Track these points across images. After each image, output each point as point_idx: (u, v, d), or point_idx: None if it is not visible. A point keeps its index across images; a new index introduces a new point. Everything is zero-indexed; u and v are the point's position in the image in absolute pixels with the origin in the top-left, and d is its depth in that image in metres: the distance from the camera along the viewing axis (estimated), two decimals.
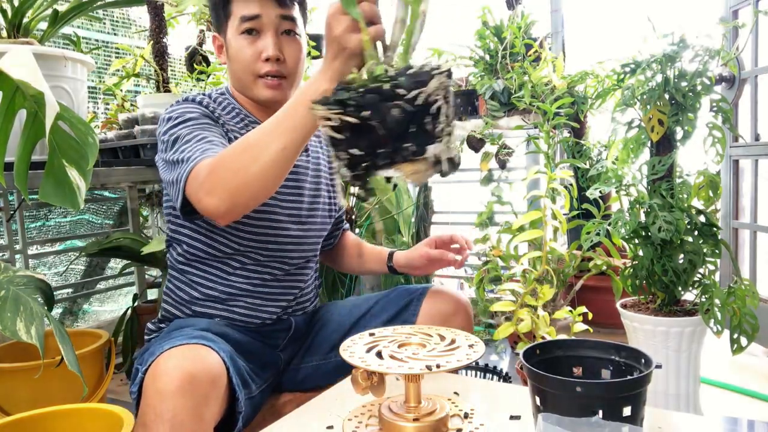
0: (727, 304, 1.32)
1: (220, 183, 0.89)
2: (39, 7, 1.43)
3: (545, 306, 1.51)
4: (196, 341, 0.88)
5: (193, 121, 1.07)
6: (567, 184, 1.63)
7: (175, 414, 0.78)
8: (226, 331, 1.06)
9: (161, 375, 0.80)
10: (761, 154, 1.89)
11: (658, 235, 1.32)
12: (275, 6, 1.10)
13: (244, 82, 1.14)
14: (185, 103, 1.13)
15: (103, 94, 2.35)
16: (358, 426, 0.80)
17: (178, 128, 1.06)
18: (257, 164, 0.86)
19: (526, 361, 0.73)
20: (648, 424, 0.76)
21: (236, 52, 1.12)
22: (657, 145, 1.42)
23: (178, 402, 0.78)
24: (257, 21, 1.10)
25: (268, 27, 1.10)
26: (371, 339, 0.85)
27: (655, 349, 1.38)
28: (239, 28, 1.11)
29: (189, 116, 1.08)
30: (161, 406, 0.78)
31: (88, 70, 1.54)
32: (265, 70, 1.11)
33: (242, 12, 1.10)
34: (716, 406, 1.55)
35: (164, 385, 0.79)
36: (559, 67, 1.88)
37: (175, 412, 0.78)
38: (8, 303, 0.93)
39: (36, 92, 1.06)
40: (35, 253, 2.08)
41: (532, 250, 1.55)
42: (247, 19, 1.10)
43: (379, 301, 1.27)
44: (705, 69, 1.35)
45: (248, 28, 1.10)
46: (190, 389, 0.79)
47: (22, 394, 1.39)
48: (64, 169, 1.16)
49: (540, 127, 1.66)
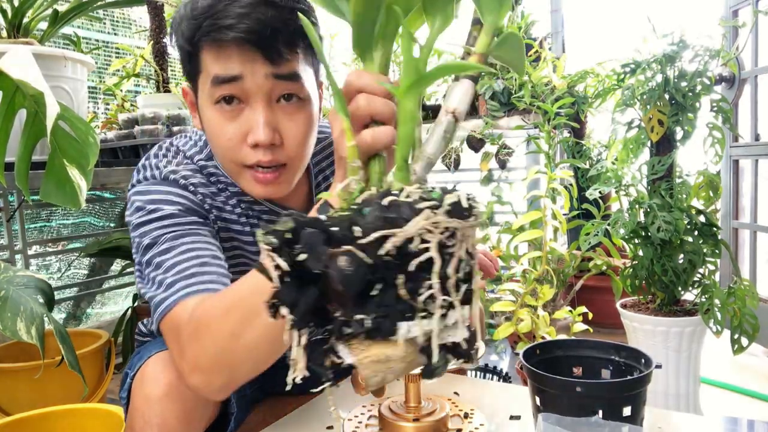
0: (727, 304, 1.32)
1: (205, 355, 0.69)
2: (39, 7, 1.43)
3: (545, 306, 1.51)
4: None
5: (172, 219, 0.80)
6: (567, 184, 1.63)
7: (163, 419, 0.75)
8: None
9: (148, 380, 0.77)
10: (761, 154, 1.89)
11: (657, 235, 1.32)
12: (264, 62, 0.74)
13: (227, 169, 0.84)
14: (161, 185, 0.83)
15: (103, 94, 2.35)
16: (358, 426, 0.80)
17: (151, 227, 0.80)
18: (250, 333, 0.66)
19: (526, 361, 0.73)
20: (648, 424, 0.76)
21: (212, 129, 0.79)
22: (657, 145, 1.43)
23: (166, 407, 0.75)
24: (238, 85, 0.75)
25: (256, 94, 0.76)
26: None
27: (655, 349, 1.38)
28: (213, 95, 0.77)
29: (167, 211, 0.81)
30: (149, 412, 0.75)
31: (88, 70, 1.54)
32: (253, 160, 0.77)
33: (215, 70, 0.75)
34: (716, 406, 1.55)
35: (151, 390, 0.76)
36: (559, 67, 1.88)
37: (163, 417, 0.75)
38: (8, 303, 0.93)
39: (36, 92, 1.06)
40: (35, 253, 2.08)
41: (532, 250, 1.55)
42: (223, 81, 0.75)
43: None
44: (705, 69, 1.35)
45: (225, 95, 0.76)
46: (177, 393, 0.76)
47: (22, 394, 1.39)
48: (65, 168, 1.16)
49: (540, 127, 1.66)
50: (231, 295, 0.70)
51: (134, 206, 0.83)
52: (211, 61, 0.75)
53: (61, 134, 1.17)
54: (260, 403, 1.10)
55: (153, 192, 0.83)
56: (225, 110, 0.77)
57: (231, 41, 0.73)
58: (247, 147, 0.77)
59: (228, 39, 0.73)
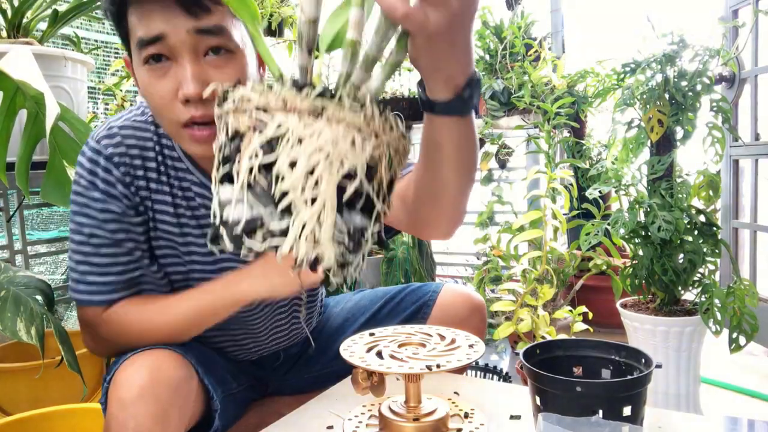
0: (727, 304, 1.32)
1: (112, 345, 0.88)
2: (39, 8, 1.43)
3: (545, 306, 1.51)
4: (161, 347, 0.84)
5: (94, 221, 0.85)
6: (567, 184, 1.63)
7: (137, 422, 0.73)
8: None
9: (121, 383, 0.76)
10: (761, 153, 1.89)
11: (657, 235, 1.32)
12: (186, 17, 0.73)
13: (166, 129, 0.83)
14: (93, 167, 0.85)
15: (103, 94, 2.35)
16: (358, 426, 0.80)
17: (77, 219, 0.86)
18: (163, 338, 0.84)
19: (526, 360, 0.73)
20: (648, 424, 0.76)
21: (145, 89, 0.79)
22: (656, 144, 1.43)
23: (140, 410, 0.74)
24: (162, 44, 0.74)
25: (181, 50, 0.74)
26: (371, 339, 0.85)
27: (655, 348, 1.38)
28: (140, 56, 0.77)
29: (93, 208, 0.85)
30: (122, 415, 0.74)
31: (88, 70, 1.54)
32: (186, 116, 0.76)
33: (139, 32, 0.75)
34: (716, 405, 1.55)
35: (124, 393, 0.75)
36: (559, 66, 1.88)
37: (137, 420, 0.74)
38: (8, 303, 0.93)
39: (36, 92, 1.06)
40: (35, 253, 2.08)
41: (532, 249, 1.55)
42: (147, 42, 0.74)
43: (386, 305, 1.13)
44: (705, 69, 1.35)
45: (152, 54, 0.75)
46: (151, 394, 0.75)
47: (22, 394, 1.39)
48: (64, 169, 1.16)
49: (540, 127, 1.66)
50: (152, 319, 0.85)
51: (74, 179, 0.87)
52: (136, 22, 0.75)
53: (60, 135, 1.17)
54: (257, 403, 1.10)
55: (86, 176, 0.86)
56: (154, 69, 0.76)
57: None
58: (180, 104, 0.76)
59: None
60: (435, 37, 0.51)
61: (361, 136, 0.44)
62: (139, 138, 0.88)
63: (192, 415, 0.85)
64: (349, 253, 0.45)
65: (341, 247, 0.44)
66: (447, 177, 0.69)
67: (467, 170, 0.69)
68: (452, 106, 0.59)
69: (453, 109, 0.60)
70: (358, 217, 0.45)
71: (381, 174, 0.46)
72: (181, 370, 0.81)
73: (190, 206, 0.89)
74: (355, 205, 0.45)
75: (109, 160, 0.85)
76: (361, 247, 0.45)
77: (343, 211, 0.44)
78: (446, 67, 0.56)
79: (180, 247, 0.91)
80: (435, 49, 0.53)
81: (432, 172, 0.70)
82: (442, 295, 1.08)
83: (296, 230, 0.43)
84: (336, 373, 1.07)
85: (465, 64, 0.57)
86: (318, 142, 0.43)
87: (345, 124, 0.44)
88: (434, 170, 0.69)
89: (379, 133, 0.45)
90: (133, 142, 0.87)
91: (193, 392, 0.84)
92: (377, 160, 0.45)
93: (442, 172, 0.69)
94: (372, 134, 0.45)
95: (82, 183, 0.86)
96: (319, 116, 0.43)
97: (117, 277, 0.87)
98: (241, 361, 1.06)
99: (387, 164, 0.46)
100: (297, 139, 0.43)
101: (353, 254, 0.45)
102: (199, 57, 0.76)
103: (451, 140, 0.64)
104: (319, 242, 0.43)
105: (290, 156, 0.43)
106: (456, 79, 0.57)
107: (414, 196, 0.76)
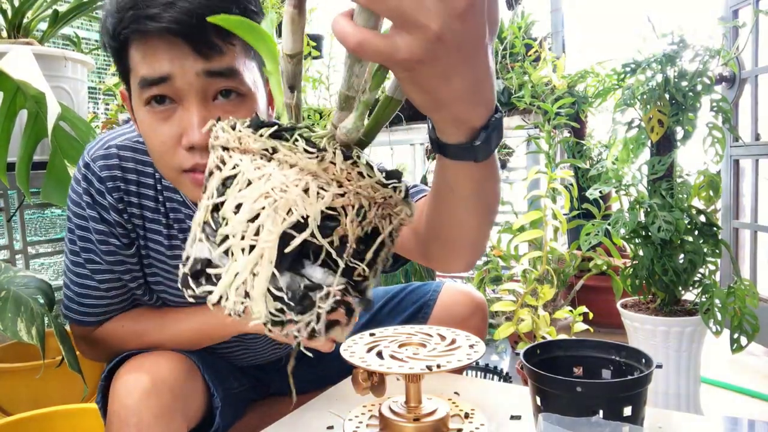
0: (727, 304, 1.32)
1: (108, 353, 0.89)
2: (39, 8, 1.43)
3: (545, 306, 1.51)
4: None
5: (87, 243, 0.84)
6: (567, 184, 1.63)
7: (140, 418, 0.73)
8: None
9: (123, 380, 0.77)
10: (761, 154, 1.89)
11: (657, 235, 1.32)
12: (195, 58, 0.67)
13: (165, 174, 0.76)
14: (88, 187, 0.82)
15: (103, 95, 2.34)
16: (359, 426, 0.80)
17: (71, 236, 0.86)
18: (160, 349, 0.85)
19: (527, 361, 0.73)
20: (648, 424, 0.76)
21: (145, 132, 0.73)
22: (657, 144, 1.43)
23: (142, 405, 0.74)
24: (168, 85, 0.68)
25: (189, 93, 0.68)
26: (372, 339, 0.85)
27: (656, 348, 1.38)
28: (142, 96, 0.70)
29: (83, 229, 0.84)
30: (125, 412, 0.74)
31: (88, 70, 1.54)
32: (190, 163, 0.70)
33: (143, 71, 0.68)
34: (716, 405, 1.55)
35: (126, 391, 0.75)
36: (559, 66, 1.88)
37: (139, 415, 0.73)
38: (9, 303, 0.93)
39: (37, 92, 1.06)
40: (35, 253, 2.08)
41: (532, 250, 1.55)
42: (152, 83, 0.68)
43: (386, 305, 1.11)
44: (705, 69, 1.35)
45: (156, 95, 0.69)
46: (153, 391, 0.75)
47: (22, 394, 1.39)
48: (65, 168, 1.16)
49: (540, 127, 1.66)
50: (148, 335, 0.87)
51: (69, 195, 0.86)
52: (139, 60, 0.69)
53: (61, 134, 1.17)
54: (257, 403, 1.10)
55: (76, 193, 0.84)
56: (156, 111, 0.70)
57: (156, 34, 0.66)
58: (183, 150, 0.70)
59: (152, 30, 0.66)
60: (418, 68, 0.38)
61: (317, 183, 0.39)
62: (138, 162, 0.83)
63: (195, 413, 0.85)
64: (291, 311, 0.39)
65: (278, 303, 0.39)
66: (462, 220, 0.60)
67: (486, 211, 0.60)
68: (466, 150, 0.48)
69: (467, 155, 0.48)
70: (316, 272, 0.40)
71: (345, 227, 0.40)
72: (184, 369, 0.81)
73: (186, 238, 0.88)
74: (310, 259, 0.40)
75: (103, 183, 0.81)
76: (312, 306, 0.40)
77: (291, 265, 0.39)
78: (450, 107, 0.43)
79: (172, 278, 0.89)
80: (425, 86, 0.40)
81: (445, 214, 0.61)
82: (443, 295, 1.06)
83: (228, 279, 0.39)
84: (336, 374, 1.07)
85: (477, 103, 0.44)
86: (265, 186, 0.39)
87: (297, 168, 0.39)
88: (448, 212, 0.60)
89: (342, 181, 0.40)
90: (131, 166, 0.83)
91: (196, 390, 0.84)
92: (339, 211, 0.40)
93: (457, 214, 0.60)
94: (333, 182, 0.40)
95: (74, 198, 0.85)
96: (271, 158, 0.40)
97: (110, 300, 0.88)
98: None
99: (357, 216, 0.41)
100: (246, 182, 0.40)
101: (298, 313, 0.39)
102: (207, 101, 0.69)
103: (467, 185, 0.54)
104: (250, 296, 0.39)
105: (236, 199, 0.40)
106: (468, 121, 0.45)
107: (426, 231, 0.68)
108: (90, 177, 0.82)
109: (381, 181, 0.42)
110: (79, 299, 0.87)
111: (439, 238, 0.67)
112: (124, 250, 0.85)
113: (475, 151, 0.47)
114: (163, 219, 0.85)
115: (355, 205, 0.40)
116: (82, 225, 0.85)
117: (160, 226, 0.85)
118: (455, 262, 0.70)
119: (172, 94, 0.69)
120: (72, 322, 0.90)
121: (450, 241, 0.66)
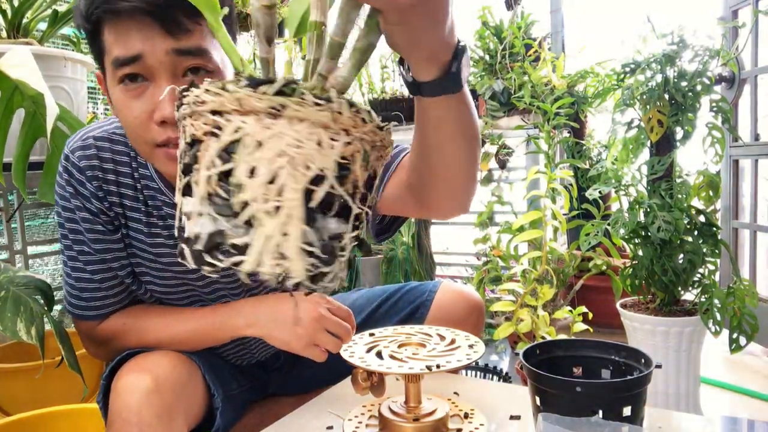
0: (727, 304, 1.32)
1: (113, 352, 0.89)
2: (39, 8, 1.42)
3: (545, 306, 1.51)
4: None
5: (76, 235, 0.87)
6: (567, 184, 1.63)
7: (141, 417, 0.74)
8: None
9: (124, 380, 0.77)
10: (761, 154, 1.89)
11: (657, 235, 1.32)
12: (164, 37, 0.70)
13: (139, 150, 0.80)
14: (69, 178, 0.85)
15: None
16: (358, 426, 0.80)
17: (63, 231, 0.88)
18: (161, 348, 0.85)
19: (526, 361, 0.73)
20: (648, 424, 0.76)
21: (119, 109, 0.76)
22: (656, 145, 1.43)
23: (143, 404, 0.74)
24: (139, 64, 0.72)
25: (159, 71, 0.72)
26: (371, 339, 0.85)
27: (655, 348, 1.38)
28: (116, 75, 0.74)
29: (71, 221, 0.86)
30: (127, 412, 0.74)
31: (87, 71, 1.54)
32: (163, 137, 0.74)
33: (115, 51, 0.72)
34: (716, 405, 1.55)
35: (128, 390, 0.75)
36: (559, 67, 1.88)
37: (141, 415, 0.74)
38: (8, 303, 0.93)
39: (35, 93, 1.06)
40: (35, 253, 2.08)
41: (532, 250, 1.56)
42: (124, 62, 0.72)
43: (383, 305, 1.12)
44: (705, 69, 1.35)
45: (128, 74, 0.73)
46: (155, 390, 0.75)
47: (22, 394, 1.39)
48: None
49: (540, 127, 1.67)
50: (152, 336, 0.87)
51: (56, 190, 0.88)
52: (112, 41, 0.72)
53: (59, 135, 1.17)
54: (257, 403, 1.10)
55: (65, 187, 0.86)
56: (129, 89, 0.74)
57: (127, 14, 0.70)
58: (155, 125, 0.73)
59: (123, 10, 0.69)
60: (410, 11, 0.45)
61: (329, 134, 0.40)
62: (115, 152, 0.86)
63: (196, 413, 0.86)
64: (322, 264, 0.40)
65: (312, 258, 0.40)
66: (451, 156, 0.66)
67: (471, 143, 0.66)
68: (442, 84, 0.55)
69: (443, 88, 0.56)
70: (333, 222, 0.41)
71: (356, 173, 0.41)
72: (185, 369, 0.82)
73: (166, 225, 0.88)
74: (329, 210, 0.40)
75: (82, 172, 0.84)
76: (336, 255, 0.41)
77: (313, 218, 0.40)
78: (428, 44, 0.50)
79: (154, 266, 0.90)
80: (412, 26, 0.47)
81: (434, 155, 0.67)
82: (439, 295, 1.07)
83: (259, 245, 0.38)
84: (336, 374, 1.07)
85: (448, 36, 0.51)
86: (279, 145, 0.39)
87: (309, 122, 0.39)
88: (436, 152, 0.66)
89: (349, 128, 0.41)
90: (108, 156, 0.86)
91: (197, 390, 0.85)
92: (350, 158, 0.41)
93: (445, 152, 0.65)
94: (341, 131, 0.40)
95: (59, 192, 0.87)
96: (279, 116, 0.39)
97: (107, 292, 0.89)
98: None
99: (363, 161, 0.42)
100: (256, 144, 0.39)
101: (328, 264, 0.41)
102: (177, 78, 0.73)
103: (448, 120, 0.61)
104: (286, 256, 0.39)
105: (249, 163, 0.39)
106: (441, 55, 0.53)
107: (419, 180, 0.72)
108: (70, 168, 0.85)
109: (378, 124, 0.44)
110: (76, 293, 0.88)
111: (432, 180, 0.71)
112: (110, 236, 0.87)
113: (451, 80, 0.55)
114: (142, 207, 0.87)
115: (361, 150, 0.42)
116: (70, 218, 0.86)
117: (140, 214, 0.87)
118: (451, 204, 0.75)
119: (144, 72, 0.73)
120: (74, 317, 0.91)
121: (442, 181, 0.70)
